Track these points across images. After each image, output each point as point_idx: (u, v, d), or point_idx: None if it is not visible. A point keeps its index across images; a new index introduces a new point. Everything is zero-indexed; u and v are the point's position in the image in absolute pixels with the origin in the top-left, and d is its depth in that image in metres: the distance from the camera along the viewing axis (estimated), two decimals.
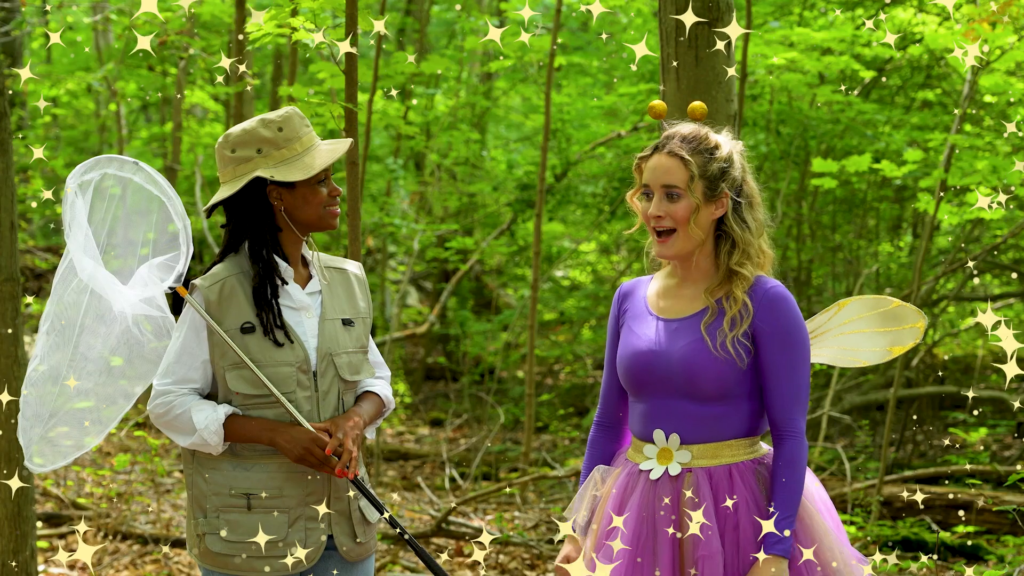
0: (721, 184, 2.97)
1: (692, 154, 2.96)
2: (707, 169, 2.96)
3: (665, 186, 2.96)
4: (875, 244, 9.99)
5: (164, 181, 3.16)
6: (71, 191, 3.05)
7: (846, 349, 3.26)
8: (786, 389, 2.93)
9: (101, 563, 6.06)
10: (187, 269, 3.14)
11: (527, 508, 7.38)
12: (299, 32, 4.60)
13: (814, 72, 8.06)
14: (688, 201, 2.94)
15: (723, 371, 2.92)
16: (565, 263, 12.33)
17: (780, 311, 2.94)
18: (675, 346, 2.97)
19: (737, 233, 2.98)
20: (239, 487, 3.12)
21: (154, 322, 3.14)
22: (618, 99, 9.04)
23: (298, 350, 3.13)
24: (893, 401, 6.62)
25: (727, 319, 2.93)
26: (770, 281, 2.98)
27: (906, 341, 3.22)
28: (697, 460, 2.96)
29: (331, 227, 3.20)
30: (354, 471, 3.11)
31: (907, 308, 3.23)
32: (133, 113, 13.69)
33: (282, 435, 3.08)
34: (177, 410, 3.10)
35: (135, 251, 3.13)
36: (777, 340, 2.93)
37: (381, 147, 11.48)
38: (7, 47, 10.96)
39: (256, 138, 3.12)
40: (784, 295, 2.96)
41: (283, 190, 3.13)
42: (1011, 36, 6.48)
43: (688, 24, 3.88)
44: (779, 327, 2.93)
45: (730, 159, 2.99)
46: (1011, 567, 5.53)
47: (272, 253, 3.15)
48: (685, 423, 2.97)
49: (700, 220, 2.96)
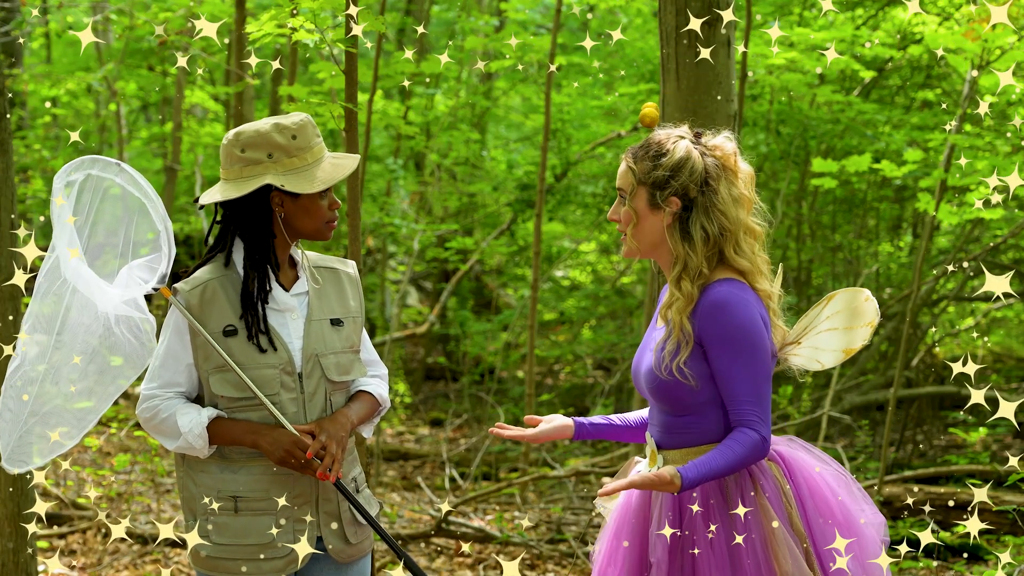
0: (664, 192, 2.94)
1: (636, 160, 2.97)
2: (649, 176, 2.95)
3: (618, 189, 3.02)
4: (875, 244, 9.99)
5: (146, 183, 3.14)
6: (58, 190, 3.05)
7: (816, 349, 3.14)
8: (742, 392, 2.90)
9: (101, 563, 6.05)
10: (169, 270, 3.13)
11: (527, 508, 7.38)
12: (299, 32, 4.59)
13: (814, 72, 8.06)
14: (630, 205, 2.99)
15: (674, 391, 2.95)
16: (565, 263, 12.33)
17: (720, 318, 2.89)
18: (642, 360, 3.06)
19: (673, 243, 2.95)
20: (226, 489, 3.11)
21: (135, 323, 3.13)
22: (618, 99, 9.04)
23: (281, 352, 3.12)
24: (893, 401, 6.62)
25: (670, 344, 2.94)
26: (715, 288, 2.92)
27: (856, 343, 3.11)
28: (672, 464, 2.98)
29: (326, 239, 3.19)
30: (336, 474, 3.08)
31: (871, 304, 3.11)
32: (133, 113, 13.69)
33: (265, 437, 3.06)
34: (163, 414, 3.10)
35: (116, 252, 3.13)
36: (723, 347, 2.90)
37: (381, 147, 11.47)
38: (7, 47, 10.95)
39: (269, 142, 3.08)
40: (723, 300, 2.90)
41: (287, 198, 3.12)
42: (1011, 36, 6.48)
43: (688, 24, 3.88)
44: (722, 334, 2.89)
45: (680, 165, 2.94)
46: (1011, 567, 5.53)
47: (268, 259, 3.14)
48: (661, 429, 3.05)
49: (644, 227, 2.97)
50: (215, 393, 3.10)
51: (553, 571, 6.17)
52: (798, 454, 3.07)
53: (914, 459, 8.41)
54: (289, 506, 3.11)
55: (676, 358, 2.91)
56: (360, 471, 3.31)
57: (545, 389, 10.76)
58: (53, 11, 10.82)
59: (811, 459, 3.06)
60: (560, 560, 6.33)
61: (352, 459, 3.27)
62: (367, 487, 3.33)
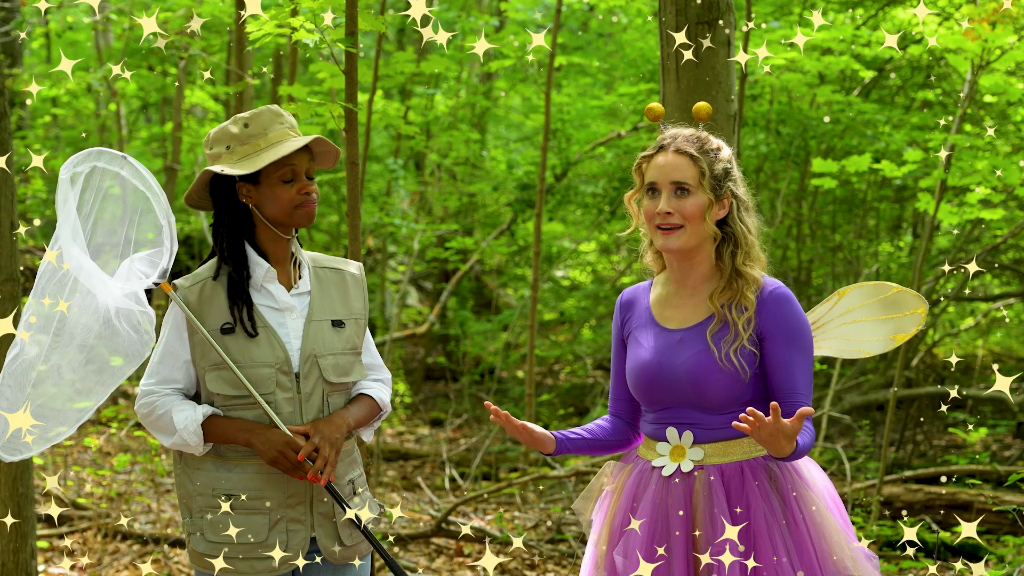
0: (726, 184, 3.00)
1: (700, 152, 2.98)
2: (714, 168, 2.99)
3: (675, 182, 2.97)
4: (875, 244, 9.99)
5: (151, 176, 3.14)
6: (64, 181, 3.06)
7: (849, 340, 3.24)
8: (801, 384, 2.93)
9: (101, 563, 6.05)
10: (171, 266, 3.13)
11: (527, 508, 7.38)
12: (299, 32, 4.59)
13: (814, 72, 8.06)
14: (698, 198, 2.96)
15: (729, 382, 2.93)
16: (565, 263, 12.33)
17: (784, 311, 2.95)
18: (681, 357, 2.98)
19: (742, 233, 3.00)
20: (221, 488, 3.11)
21: (134, 316, 3.12)
22: (618, 99, 9.04)
23: (278, 351, 3.11)
24: (893, 401, 6.62)
25: (733, 328, 2.94)
26: (773, 282, 3.00)
27: (908, 328, 3.21)
28: (709, 457, 2.97)
29: (302, 224, 3.15)
30: (328, 477, 3.06)
31: (907, 293, 3.22)
32: (133, 113, 13.69)
33: (258, 437, 3.06)
34: (159, 410, 3.10)
35: (116, 252, 3.13)
36: (783, 339, 2.94)
37: (381, 147, 11.48)
38: (7, 47, 10.95)
39: (226, 135, 3.13)
40: (788, 295, 2.98)
41: (251, 187, 3.13)
42: (1011, 36, 6.48)
43: (688, 24, 3.88)
44: (785, 326, 2.95)
45: (731, 161, 3.04)
46: (1011, 567, 5.53)
47: (243, 249, 3.13)
48: (696, 426, 3.00)
49: (708, 219, 2.98)
50: (211, 391, 3.10)
51: (553, 571, 6.17)
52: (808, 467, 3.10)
53: (914, 459, 8.41)
54: (283, 506, 3.10)
55: (738, 339, 2.93)
56: (360, 473, 3.29)
57: (545, 389, 10.76)
58: (53, 11, 10.82)
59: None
60: (560, 560, 6.33)
61: (350, 461, 3.25)
62: (368, 490, 3.32)
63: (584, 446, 3.20)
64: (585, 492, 3.21)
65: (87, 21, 11.03)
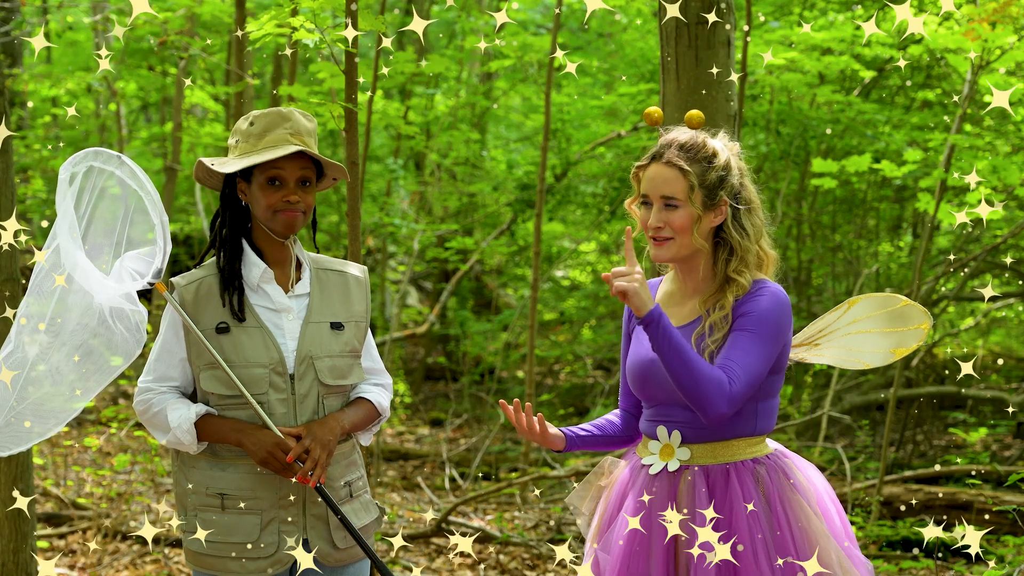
0: (720, 192, 2.95)
1: (690, 163, 2.94)
2: (705, 178, 2.95)
3: (664, 197, 2.95)
4: (875, 244, 9.99)
5: (145, 177, 3.14)
6: (63, 181, 3.07)
7: (851, 350, 3.23)
8: (736, 355, 2.86)
9: (101, 563, 6.05)
10: (164, 266, 3.13)
11: (527, 508, 7.38)
12: (299, 32, 4.59)
13: (814, 72, 8.06)
14: (687, 211, 2.94)
15: None
16: (565, 263, 12.33)
17: (755, 301, 2.91)
18: None
19: (736, 240, 2.97)
20: (215, 487, 3.11)
21: (127, 315, 3.13)
22: (618, 99, 9.04)
23: (272, 351, 3.10)
24: (893, 401, 6.62)
25: (706, 325, 2.93)
26: (763, 283, 2.97)
27: (909, 343, 3.20)
28: (697, 458, 2.97)
29: (280, 231, 3.13)
30: (319, 479, 3.05)
31: (914, 308, 3.21)
32: (133, 113, 13.69)
33: (249, 437, 3.05)
34: (155, 408, 3.11)
35: (119, 244, 3.14)
36: (741, 319, 2.90)
37: (381, 147, 11.48)
38: (7, 47, 10.95)
39: (239, 130, 3.18)
40: (772, 291, 2.93)
41: (246, 185, 3.15)
42: (1011, 36, 6.48)
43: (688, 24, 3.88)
44: (750, 309, 2.90)
45: (728, 166, 2.98)
46: (1011, 567, 5.53)
47: (239, 244, 3.14)
48: (686, 425, 2.99)
49: (700, 229, 2.96)
50: (205, 390, 3.10)
51: (553, 571, 6.17)
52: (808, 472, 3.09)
53: (914, 459, 8.41)
54: (275, 507, 3.10)
55: (713, 335, 2.91)
56: (360, 476, 3.27)
57: (545, 389, 10.77)
58: (53, 11, 10.82)
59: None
60: (560, 560, 6.32)
61: (347, 463, 3.22)
62: (368, 493, 3.30)
63: (593, 442, 3.21)
64: (580, 488, 3.21)
65: (87, 21, 11.03)
